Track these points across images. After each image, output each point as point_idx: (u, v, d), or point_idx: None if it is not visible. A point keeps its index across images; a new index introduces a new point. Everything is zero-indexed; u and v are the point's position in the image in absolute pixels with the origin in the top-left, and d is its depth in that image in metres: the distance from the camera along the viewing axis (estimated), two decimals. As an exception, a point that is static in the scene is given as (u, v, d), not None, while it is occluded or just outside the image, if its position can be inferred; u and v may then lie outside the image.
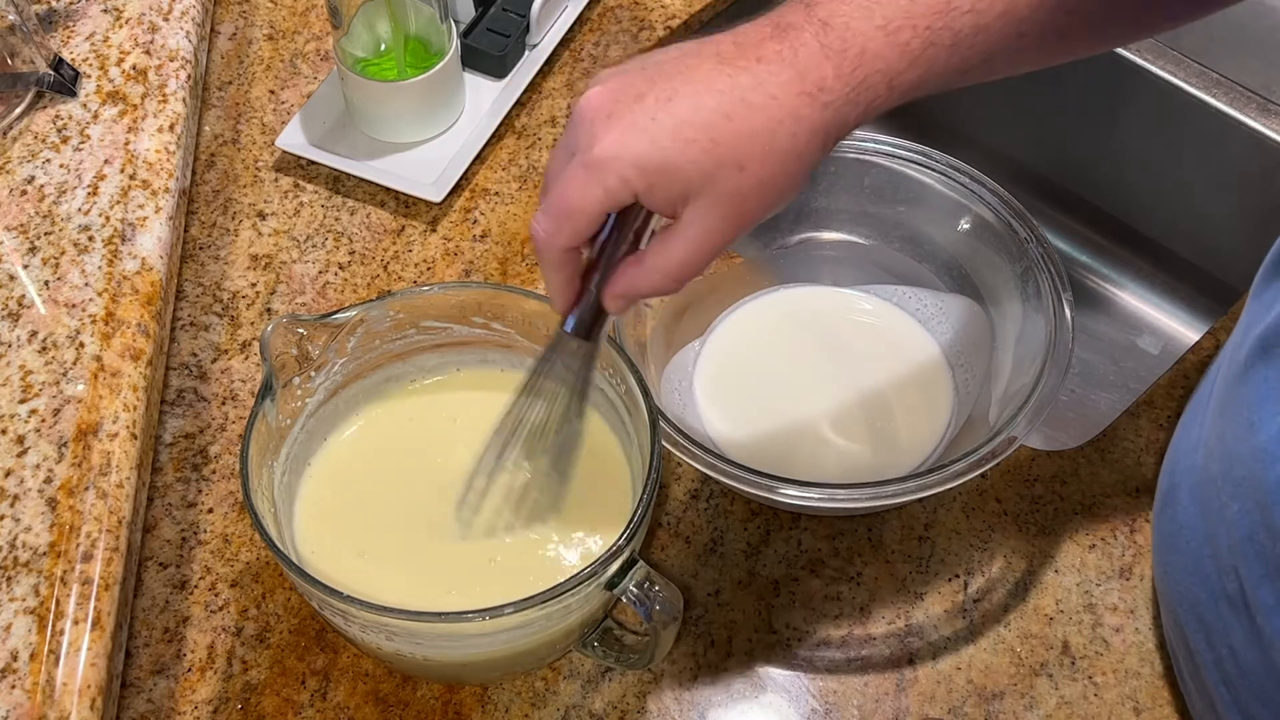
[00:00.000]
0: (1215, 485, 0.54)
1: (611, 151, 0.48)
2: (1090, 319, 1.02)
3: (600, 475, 0.60)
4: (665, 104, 0.48)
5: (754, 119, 0.48)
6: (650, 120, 0.47)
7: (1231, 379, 0.55)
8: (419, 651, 0.54)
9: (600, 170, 0.48)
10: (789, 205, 0.75)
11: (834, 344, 0.74)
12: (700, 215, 0.49)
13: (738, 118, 0.48)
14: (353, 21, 0.77)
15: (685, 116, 0.47)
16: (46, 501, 0.61)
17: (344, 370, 0.61)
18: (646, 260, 0.50)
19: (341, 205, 0.80)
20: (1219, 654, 0.54)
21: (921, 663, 0.63)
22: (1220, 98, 0.91)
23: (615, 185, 0.48)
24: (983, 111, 1.04)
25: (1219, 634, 0.54)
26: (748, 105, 0.48)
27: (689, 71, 0.48)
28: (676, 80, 0.48)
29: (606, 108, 0.48)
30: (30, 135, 0.76)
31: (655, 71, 0.49)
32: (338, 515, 0.59)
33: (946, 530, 0.67)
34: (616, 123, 0.48)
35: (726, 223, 0.49)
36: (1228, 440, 0.54)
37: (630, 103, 0.48)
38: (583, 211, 0.49)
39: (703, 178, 0.48)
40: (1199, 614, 0.55)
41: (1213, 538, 0.54)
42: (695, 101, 0.48)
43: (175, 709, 0.60)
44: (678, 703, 0.61)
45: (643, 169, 0.47)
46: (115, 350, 0.66)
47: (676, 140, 0.47)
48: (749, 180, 0.48)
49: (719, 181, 0.48)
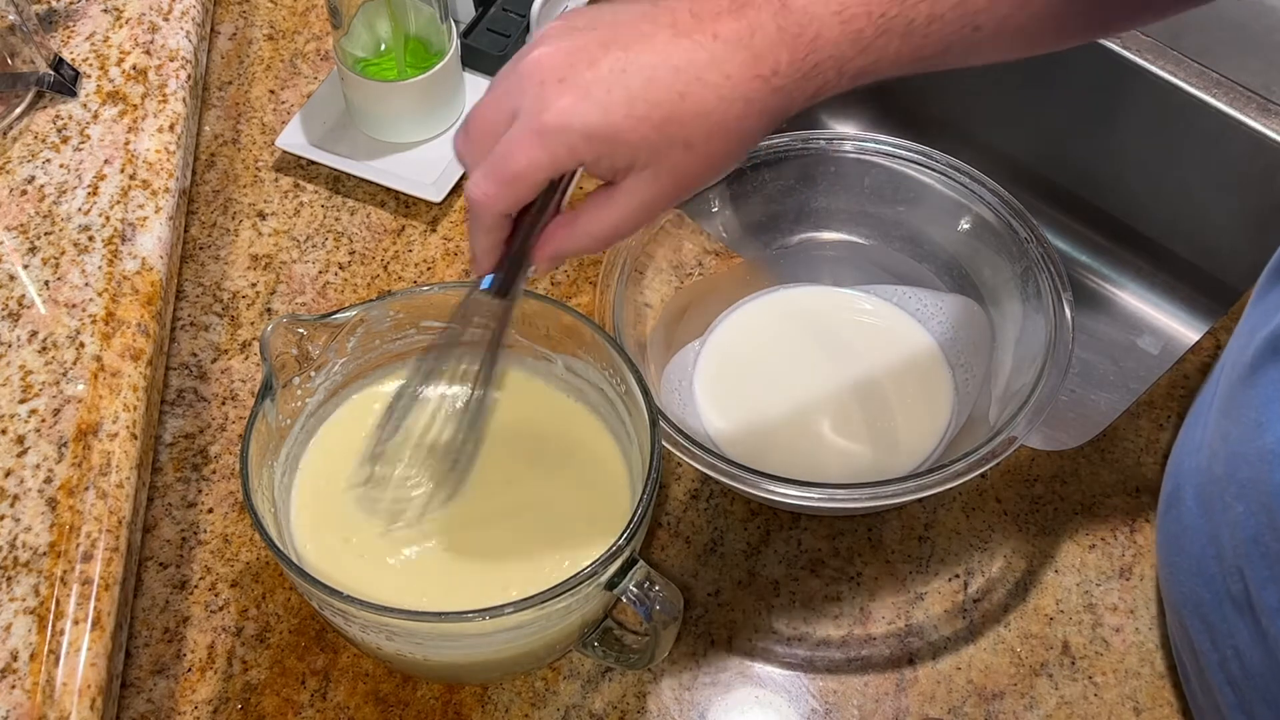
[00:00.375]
0: (1220, 486, 0.54)
1: (563, 120, 0.47)
2: (1090, 319, 1.02)
3: (600, 475, 0.60)
4: (620, 74, 0.47)
5: (706, 98, 0.48)
6: (605, 91, 0.47)
7: (1236, 381, 0.55)
8: (419, 651, 0.54)
9: (550, 138, 0.47)
10: (789, 205, 0.76)
11: (834, 344, 0.74)
12: (642, 186, 0.49)
13: (691, 96, 0.48)
14: (353, 21, 0.77)
15: (639, 91, 0.47)
16: (46, 501, 0.61)
17: (344, 370, 0.61)
18: (579, 223, 0.51)
19: (341, 205, 0.80)
20: (1224, 655, 0.54)
21: (921, 663, 0.63)
22: (1220, 98, 0.91)
23: (563, 154, 0.48)
24: (983, 111, 1.04)
25: (1223, 635, 0.54)
26: (701, 84, 0.48)
27: (645, 41, 0.48)
28: (633, 49, 0.48)
29: (559, 71, 0.47)
30: (30, 135, 0.76)
31: (609, 35, 0.48)
32: (338, 515, 0.59)
33: (946, 530, 0.67)
34: (569, 89, 0.47)
35: (665, 195, 0.50)
36: (1233, 441, 0.54)
37: (583, 69, 0.47)
38: (528, 179, 0.49)
39: (650, 152, 0.48)
40: (1203, 615, 0.55)
41: (1217, 539, 0.54)
42: (650, 75, 0.47)
43: (175, 709, 0.60)
44: (678, 703, 0.61)
45: (592, 140, 0.47)
46: (115, 350, 0.66)
47: (630, 115, 0.47)
48: (694, 157, 0.49)
49: (665, 157, 0.48)
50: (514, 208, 0.50)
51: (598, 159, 0.48)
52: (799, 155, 0.73)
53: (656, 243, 0.71)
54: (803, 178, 0.74)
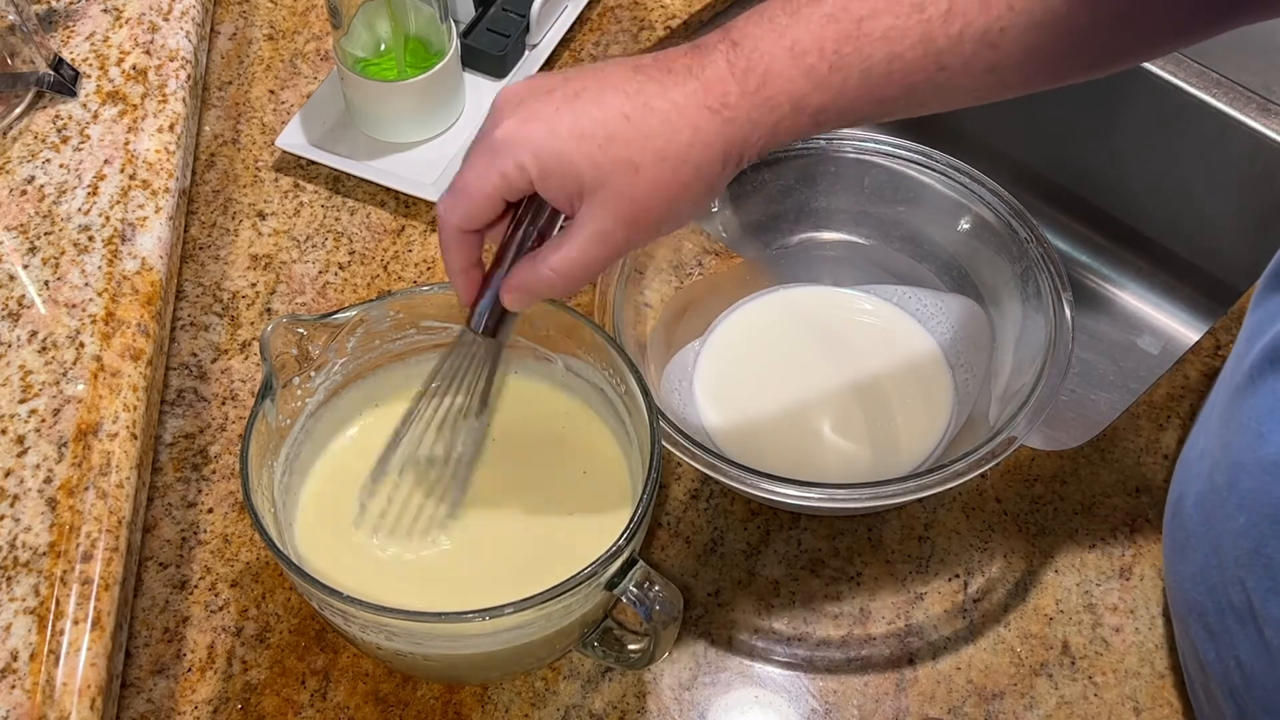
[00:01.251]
0: (1221, 496, 0.54)
1: (510, 136, 0.49)
2: (1090, 319, 1.02)
3: (600, 475, 0.60)
4: (571, 100, 0.49)
5: (651, 121, 0.49)
6: (553, 111, 0.49)
7: (1235, 390, 0.55)
8: (419, 651, 0.54)
9: (498, 153, 0.49)
10: (789, 205, 0.76)
11: (834, 344, 0.74)
12: (594, 214, 0.50)
13: (636, 119, 0.49)
14: (353, 21, 0.77)
15: (586, 111, 0.49)
16: (46, 501, 0.61)
17: (344, 370, 0.61)
18: (540, 257, 0.51)
19: (341, 205, 0.80)
20: (1227, 665, 0.54)
21: (921, 663, 0.63)
22: (1220, 98, 0.91)
23: (511, 170, 0.49)
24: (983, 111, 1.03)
25: (1226, 645, 0.53)
26: (647, 108, 0.49)
27: (600, 74, 0.50)
28: (587, 80, 0.50)
29: (518, 97, 0.50)
30: (30, 135, 0.76)
31: (573, 74, 0.51)
32: (338, 515, 0.59)
33: (946, 530, 0.67)
34: (521, 110, 0.49)
35: (619, 224, 0.50)
36: (1234, 451, 0.53)
37: (540, 95, 0.50)
38: (479, 191, 0.50)
39: (597, 174, 0.49)
40: (1207, 624, 0.55)
41: (1219, 549, 0.54)
42: (600, 100, 0.49)
43: (175, 709, 0.60)
44: (678, 703, 0.61)
45: (538, 156, 0.49)
46: (115, 350, 0.66)
47: (574, 133, 0.48)
48: (642, 182, 0.49)
49: (613, 180, 0.49)
50: (468, 223, 0.51)
51: (545, 176, 0.49)
52: (799, 155, 0.73)
53: (657, 242, 0.71)
54: (803, 178, 0.74)
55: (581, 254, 0.50)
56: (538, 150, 0.48)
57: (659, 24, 0.90)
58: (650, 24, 0.90)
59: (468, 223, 0.51)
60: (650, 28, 0.90)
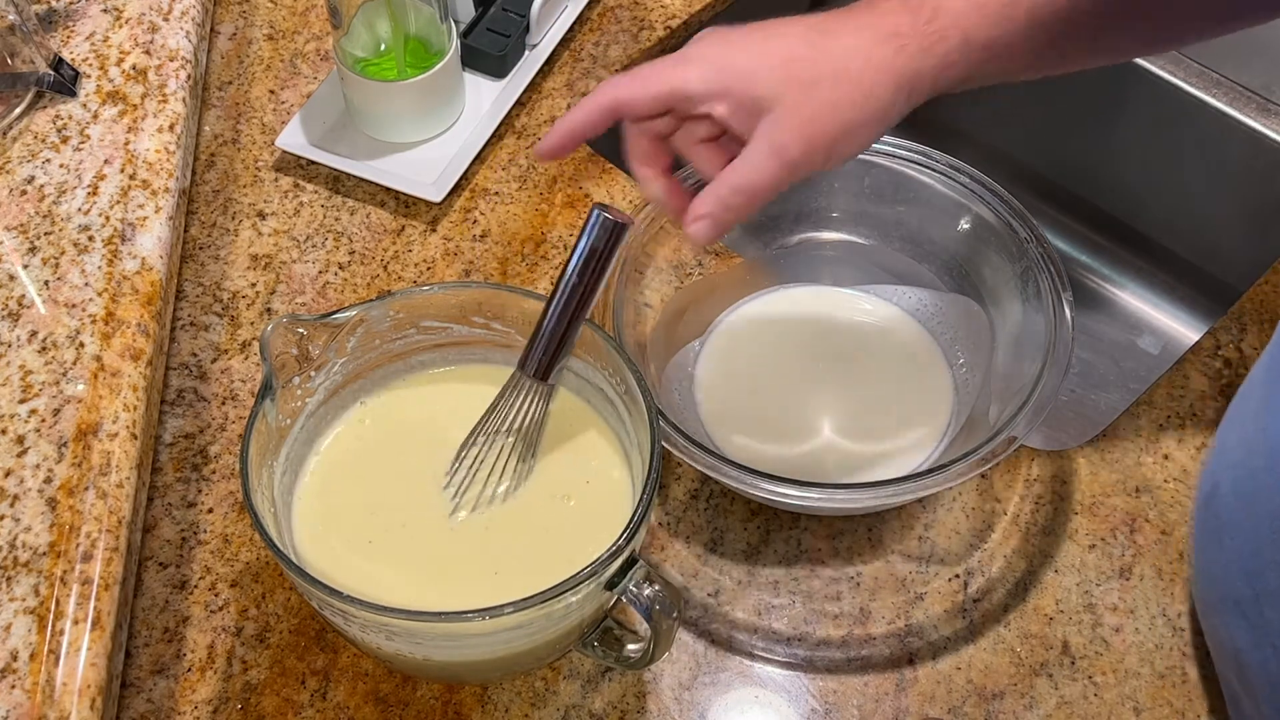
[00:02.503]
0: (1260, 480, 0.53)
1: (699, 52, 0.54)
2: (1090, 319, 1.02)
3: (600, 475, 0.60)
4: (757, 31, 0.55)
5: (830, 47, 0.53)
6: (740, 36, 0.54)
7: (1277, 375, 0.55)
8: (419, 651, 0.54)
9: (686, 60, 0.54)
10: (789, 205, 0.76)
11: (834, 344, 0.74)
12: (771, 128, 0.53)
13: (816, 45, 0.53)
14: (353, 21, 0.77)
15: (771, 38, 0.54)
16: (46, 501, 0.61)
17: (344, 370, 0.61)
18: (720, 180, 0.54)
19: (341, 205, 0.80)
20: (1265, 654, 0.53)
21: (921, 663, 0.63)
22: (1220, 98, 0.91)
23: (693, 76, 0.54)
24: (983, 111, 1.04)
25: (1264, 632, 0.53)
26: (826, 34, 0.54)
27: (783, 19, 0.55)
28: (769, 26, 0.55)
29: (710, 32, 0.56)
30: (30, 135, 0.76)
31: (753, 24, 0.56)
32: (338, 515, 0.59)
33: (946, 530, 0.67)
34: (711, 36, 0.55)
35: (795, 139, 0.53)
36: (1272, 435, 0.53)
37: (730, 30, 0.55)
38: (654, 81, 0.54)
39: (775, 90, 0.52)
40: (1244, 612, 0.55)
41: (1257, 532, 0.53)
42: (784, 30, 0.54)
43: (175, 709, 0.60)
44: (678, 703, 0.61)
45: (722, 71, 0.53)
46: (115, 350, 0.66)
47: (758, 53, 0.53)
48: (818, 99, 0.52)
49: (789, 95, 0.52)
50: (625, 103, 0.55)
51: (727, 90, 0.53)
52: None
53: (656, 243, 0.71)
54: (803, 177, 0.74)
55: (759, 171, 0.54)
56: (723, 65, 0.53)
57: (659, 24, 0.90)
58: (650, 24, 0.90)
59: (624, 102, 0.55)
60: (650, 27, 0.90)
